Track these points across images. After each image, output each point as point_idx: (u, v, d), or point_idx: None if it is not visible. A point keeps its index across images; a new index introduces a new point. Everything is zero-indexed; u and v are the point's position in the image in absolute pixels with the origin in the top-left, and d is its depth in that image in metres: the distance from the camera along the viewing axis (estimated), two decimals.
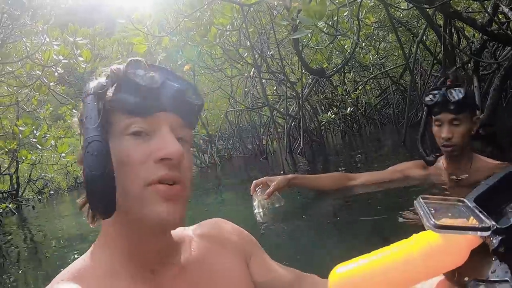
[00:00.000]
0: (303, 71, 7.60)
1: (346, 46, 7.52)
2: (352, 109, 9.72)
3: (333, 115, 8.98)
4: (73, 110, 7.00)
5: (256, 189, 2.77)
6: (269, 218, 2.71)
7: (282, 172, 5.75)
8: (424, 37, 7.07)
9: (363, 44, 8.08)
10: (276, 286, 1.18)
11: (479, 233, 0.68)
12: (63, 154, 7.19)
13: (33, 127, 6.79)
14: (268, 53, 8.14)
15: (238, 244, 1.19)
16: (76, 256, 3.93)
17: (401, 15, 6.77)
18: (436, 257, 0.69)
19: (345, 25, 5.95)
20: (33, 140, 6.84)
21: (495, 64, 7.15)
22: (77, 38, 5.26)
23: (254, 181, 2.82)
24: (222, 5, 4.78)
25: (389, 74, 10.57)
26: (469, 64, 5.91)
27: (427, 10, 3.94)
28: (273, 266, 1.22)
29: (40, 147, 6.87)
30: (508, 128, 5.33)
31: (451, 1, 3.54)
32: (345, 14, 5.31)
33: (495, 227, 0.67)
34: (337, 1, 3.98)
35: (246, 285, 1.14)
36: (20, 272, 4.02)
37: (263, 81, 7.63)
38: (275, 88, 10.50)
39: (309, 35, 6.06)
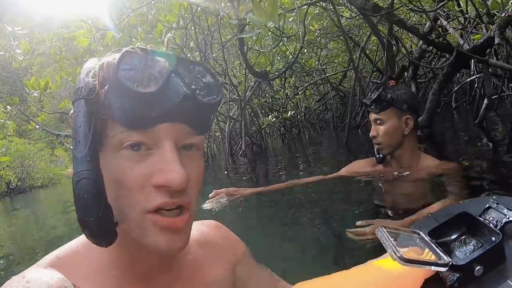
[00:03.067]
0: (246, 73, 7.66)
1: (288, 52, 7.64)
2: (292, 113, 9.85)
3: (273, 119, 9.07)
4: (7, 107, 6.69)
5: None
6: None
7: (226, 172, 5.73)
8: (365, 46, 7.35)
9: (305, 50, 8.25)
10: None
11: (438, 268, 0.77)
12: None
13: None
14: (212, 55, 8.13)
15: (229, 252, 1.16)
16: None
17: (345, 23, 6.97)
18: (393, 284, 0.75)
19: (289, 31, 6.07)
20: None
21: (430, 73, 7.53)
22: (16, 28, 5.02)
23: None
24: (169, 3, 4.75)
25: (330, 80, 10.83)
26: (405, 73, 6.18)
27: (372, 18, 4.07)
28: (256, 276, 1.18)
29: None
30: (443, 130, 5.63)
31: (394, 11, 3.68)
32: (290, 19, 5.41)
33: (451, 263, 0.77)
34: (284, 6, 4.06)
35: None
36: None
37: None
38: None
39: (254, 38, 6.11)
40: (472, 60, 6.20)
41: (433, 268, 0.76)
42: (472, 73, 7.67)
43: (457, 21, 6.70)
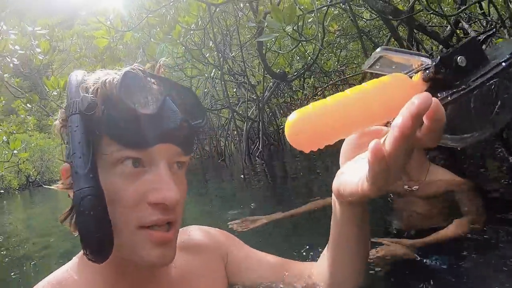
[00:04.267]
0: (265, 74, 7.62)
1: (307, 52, 7.58)
2: None
3: None
4: (27, 105, 6.73)
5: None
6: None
7: (242, 176, 5.68)
8: None
9: (325, 50, 8.18)
10: (256, 277, 1.16)
11: (420, 58, 0.69)
12: (15, 151, 6.79)
13: None
14: (231, 55, 8.12)
15: (213, 248, 1.18)
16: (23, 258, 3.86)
17: (364, 24, 6.89)
18: (388, 92, 0.67)
19: (308, 31, 6.01)
20: None
21: None
22: (36, 28, 5.05)
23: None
24: (188, 4, 4.73)
25: (349, 82, 10.73)
26: None
27: (392, 22, 4.00)
28: (251, 259, 1.20)
29: None
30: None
31: (415, 15, 3.60)
32: (309, 20, 5.36)
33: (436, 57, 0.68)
34: (303, 7, 4.01)
35: None
36: None
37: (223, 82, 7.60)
38: (234, 90, 10.48)
39: (273, 39, 6.08)
40: None
41: (416, 58, 0.69)
42: None
43: (479, 23, 6.57)
